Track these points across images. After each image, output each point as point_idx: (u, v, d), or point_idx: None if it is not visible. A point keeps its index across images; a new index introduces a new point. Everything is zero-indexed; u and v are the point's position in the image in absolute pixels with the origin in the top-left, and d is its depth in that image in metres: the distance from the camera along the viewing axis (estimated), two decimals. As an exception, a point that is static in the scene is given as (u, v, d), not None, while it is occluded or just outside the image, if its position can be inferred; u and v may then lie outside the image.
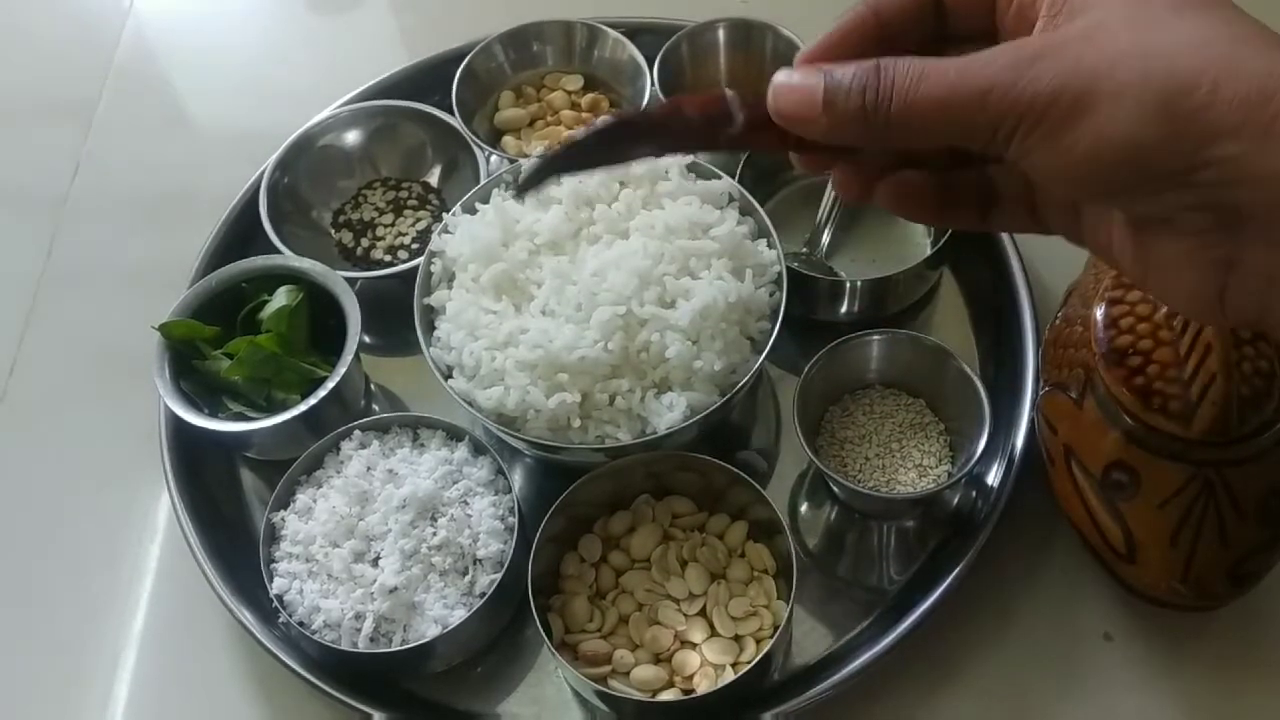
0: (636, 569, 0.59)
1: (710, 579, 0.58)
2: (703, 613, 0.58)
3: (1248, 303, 0.35)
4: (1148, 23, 0.33)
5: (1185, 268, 0.36)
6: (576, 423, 0.59)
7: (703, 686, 0.55)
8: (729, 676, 0.55)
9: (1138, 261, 0.38)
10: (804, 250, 0.71)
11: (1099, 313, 0.56)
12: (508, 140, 0.79)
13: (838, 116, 0.37)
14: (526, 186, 0.41)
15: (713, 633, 0.57)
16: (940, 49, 0.38)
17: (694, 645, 0.57)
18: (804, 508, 0.66)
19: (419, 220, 0.76)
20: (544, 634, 0.55)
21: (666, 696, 0.55)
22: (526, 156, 0.68)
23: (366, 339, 0.69)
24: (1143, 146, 0.33)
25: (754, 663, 0.54)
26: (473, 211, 0.66)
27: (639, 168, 0.65)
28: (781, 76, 0.39)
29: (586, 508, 0.61)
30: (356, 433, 0.63)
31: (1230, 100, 0.32)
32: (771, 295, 0.63)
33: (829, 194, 0.70)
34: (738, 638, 0.57)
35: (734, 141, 0.41)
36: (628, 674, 0.56)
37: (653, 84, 0.75)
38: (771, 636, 0.56)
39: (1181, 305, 0.43)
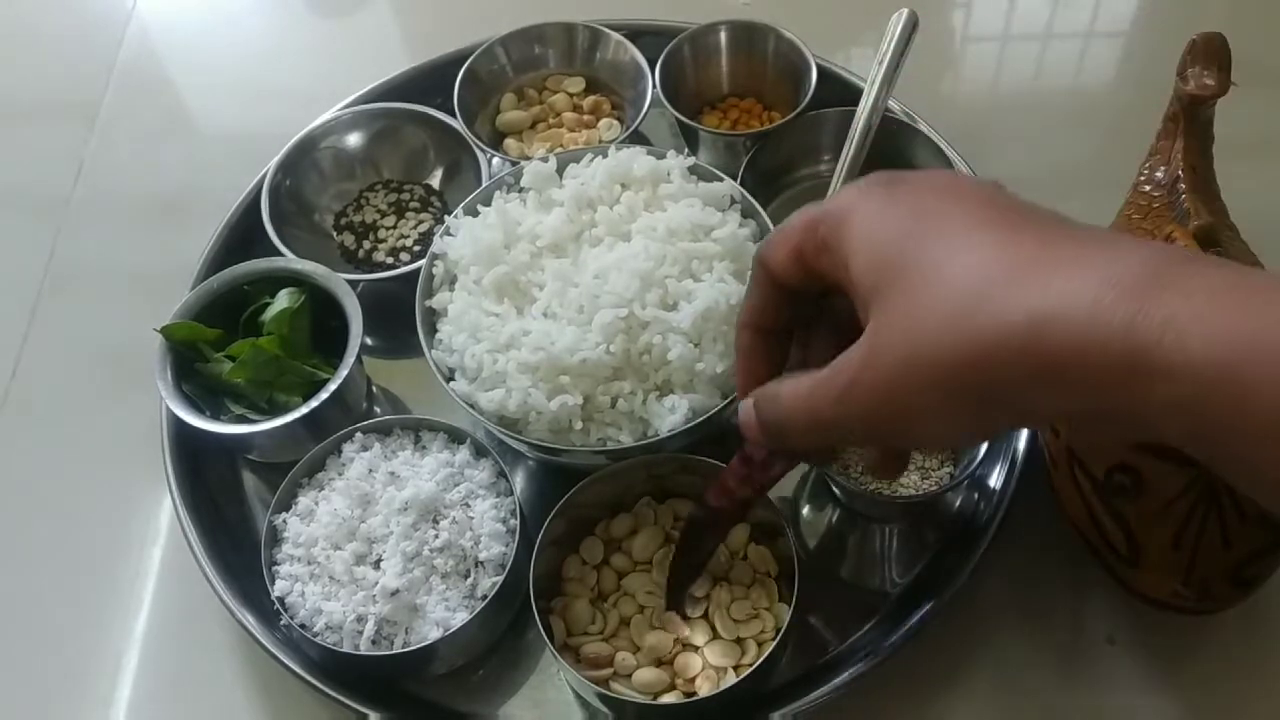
0: (638, 571, 0.59)
1: (712, 582, 0.58)
2: (705, 615, 0.58)
3: None
4: (913, 310, 0.37)
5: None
6: (578, 425, 0.59)
7: (704, 689, 0.55)
8: (731, 679, 0.55)
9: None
10: (806, 252, 0.70)
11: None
12: (509, 142, 0.79)
13: (768, 437, 0.45)
14: (673, 606, 0.57)
15: (715, 635, 0.57)
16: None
17: (696, 648, 0.57)
18: (806, 510, 0.66)
19: (421, 222, 0.76)
20: (546, 636, 0.55)
21: (668, 699, 0.55)
22: (528, 159, 0.68)
23: (368, 341, 0.69)
24: (967, 423, 0.38)
25: (755, 666, 0.54)
26: (474, 214, 0.66)
27: (640, 170, 0.65)
28: (739, 408, 0.47)
29: (588, 510, 0.60)
30: (358, 435, 0.63)
31: (1011, 364, 0.34)
32: (773, 297, 0.63)
33: (831, 196, 0.70)
34: (740, 640, 0.57)
35: (768, 482, 0.52)
36: (629, 676, 0.56)
37: (654, 86, 0.75)
38: (774, 639, 0.55)
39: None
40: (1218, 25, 0.58)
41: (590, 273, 0.61)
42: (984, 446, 0.59)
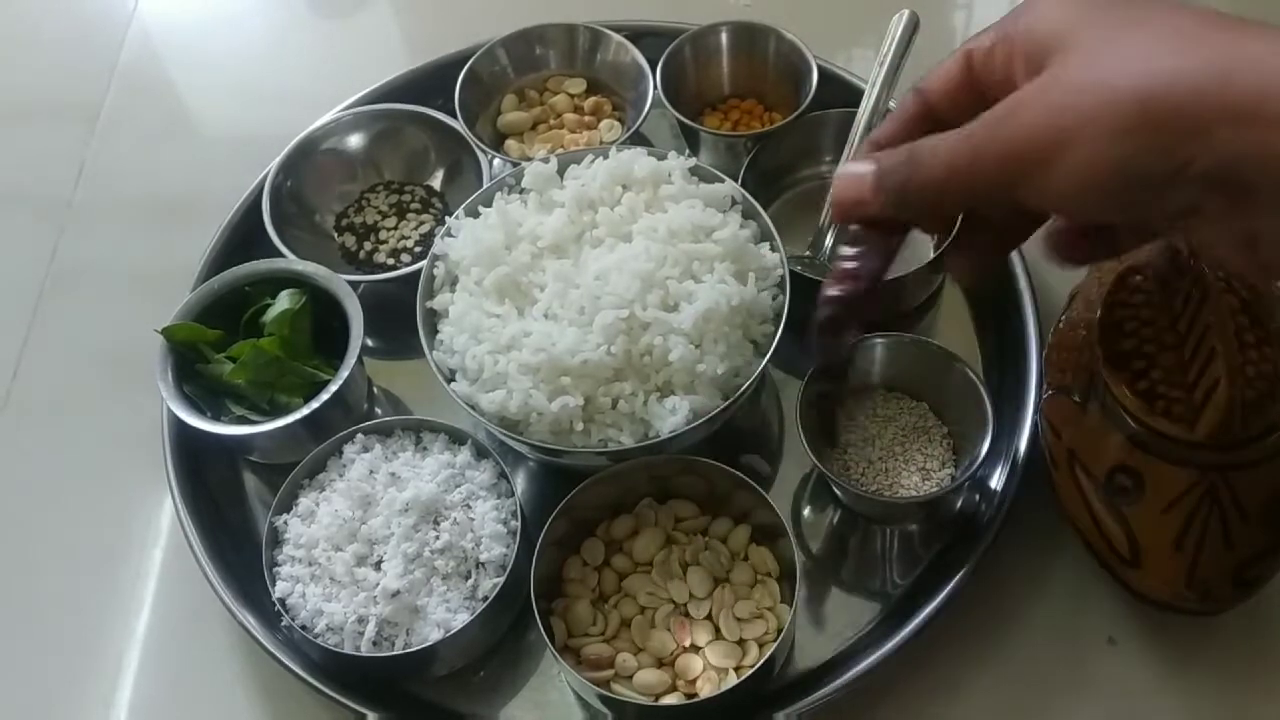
0: (639, 573, 0.59)
1: (713, 583, 0.58)
2: (708, 616, 0.58)
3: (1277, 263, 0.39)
4: (1102, 49, 0.37)
5: (1222, 244, 0.38)
6: (579, 426, 0.59)
7: (705, 690, 0.55)
8: (732, 680, 0.55)
9: (1195, 245, 0.45)
10: (807, 254, 0.71)
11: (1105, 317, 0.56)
12: (510, 143, 0.79)
13: (885, 195, 0.43)
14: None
15: (716, 636, 0.57)
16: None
17: (697, 649, 0.57)
18: (807, 511, 0.66)
19: (422, 224, 0.76)
20: (546, 638, 0.55)
21: (669, 700, 0.55)
22: (529, 160, 0.68)
23: (369, 342, 0.69)
24: (1125, 160, 0.36)
25: (756, 667, 0.54)
26: (475, 215, 0.66)
27: (641, 171, 0.65)
28: (840, 169, 0.46)
29: (589, 511, 0.60)
30: (359, 436, 0.63)
31: (1194, 97, 0.34)
32: (774, 299, 0.63)
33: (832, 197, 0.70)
34: (741, 641, 0.57)
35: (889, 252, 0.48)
36: (630, 678, 0.56)
37: (655, 87, 0.75)
38: (775, 640, 0.55)
39: (1237, 272, 0.52)
40: (1219, 26, 0.58)
41: (591, 274, 0.61)
42: (985, 449, 0.59)
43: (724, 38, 0.79)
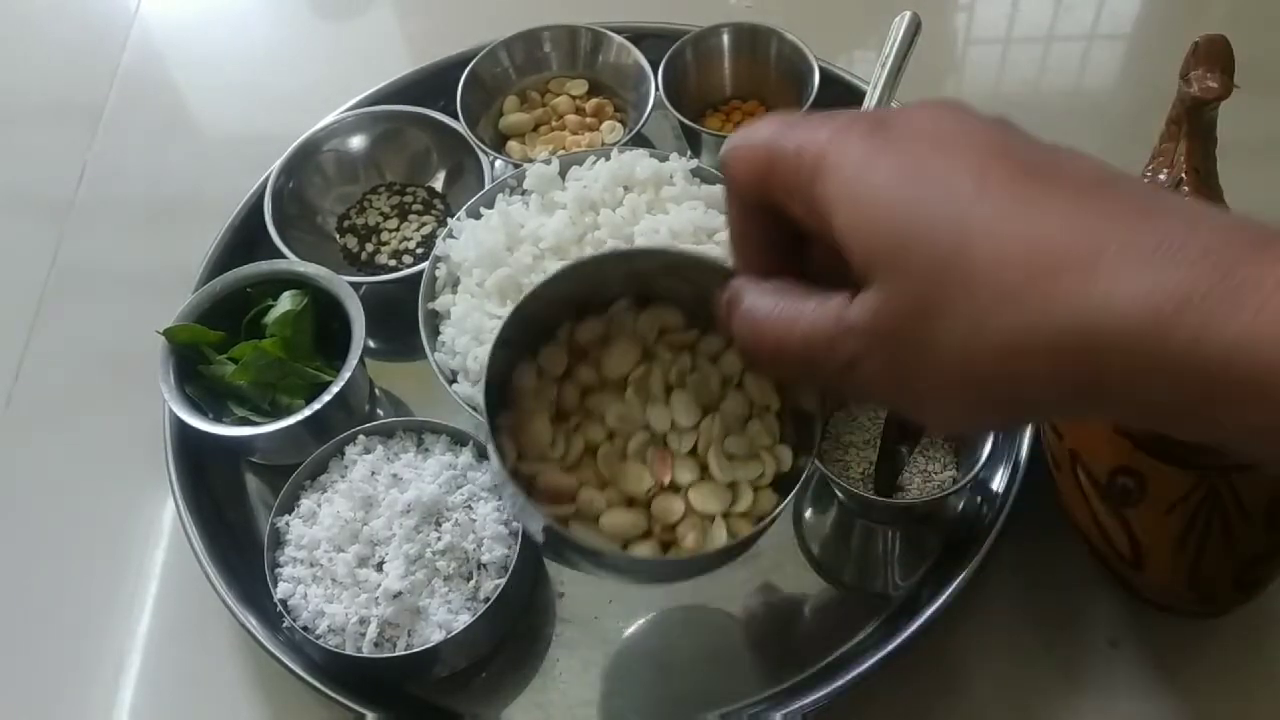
0: (609, 390, 0.46)
1: (701, 411, 0.45)
2: (693, 451, 0.45)
3: None
4: (926, 303, 0.32)
5: None
6: (580, 428, 0.59)
7: (689, 539, 0.43)
8: (721, 534, 0.44)
9: None
10: (808, 255, 0.71)
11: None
12: (512, 145, 0.79)
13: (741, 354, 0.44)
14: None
15: (703, 476, 0.45)
16: None
17: (678, 489, 0.45)
18: (808, 513, 0.65)
19: (424, 225, 0.76)
20: (498, 458, 0.44)
21: (642, 551, 0.44)
22: (531, 161, 0.68)
23: (371, 344, 0.69)
24: (977, 420, 0.35)
25: (764, 521, 0.44)
26: (477, 216, 0.66)
27: (643, 172, 0.65)
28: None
29: (551, 307, 0.46)
30: (361, 437, 0.63)
31: (1039, 378, 0.30)
32: (776, 300, 0.63)
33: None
34: (733, 485, 0.45)
35: None
36: (596, 519, 0.44)
37: (657, 89, 0.75)
38: (772, 484, 0.45)
39: None
40: (1220, 27, 0.58)
41: (593, 275, 0.61)
42: (986, 450, 0.59)
43: (725, 39, 0.79)
